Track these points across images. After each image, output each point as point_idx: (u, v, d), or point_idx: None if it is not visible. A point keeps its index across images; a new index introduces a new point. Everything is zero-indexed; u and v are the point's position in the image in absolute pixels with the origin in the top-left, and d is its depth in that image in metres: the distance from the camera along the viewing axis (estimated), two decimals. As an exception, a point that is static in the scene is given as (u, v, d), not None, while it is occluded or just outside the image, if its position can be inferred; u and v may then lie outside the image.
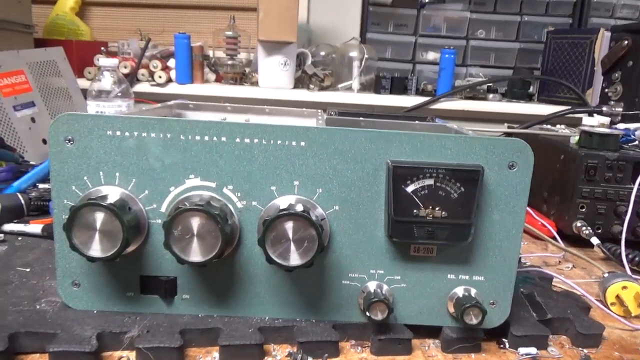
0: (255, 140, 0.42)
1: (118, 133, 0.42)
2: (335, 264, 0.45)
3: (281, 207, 0.42)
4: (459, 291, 0.46)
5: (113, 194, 0.42)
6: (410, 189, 0.42)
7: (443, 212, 0.43)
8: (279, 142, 0.42)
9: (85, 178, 0.43)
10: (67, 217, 0.40)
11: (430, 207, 0.42)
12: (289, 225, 0.40)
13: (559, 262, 0.71)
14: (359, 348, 0.45)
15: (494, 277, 0.46)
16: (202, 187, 0.43)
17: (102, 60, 0.93)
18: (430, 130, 0.60)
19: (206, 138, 0.42)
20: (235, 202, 0.44)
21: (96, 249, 0.41)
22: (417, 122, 0.65)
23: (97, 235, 0.40)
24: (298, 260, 0.41)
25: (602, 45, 1.40)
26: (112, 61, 0.93)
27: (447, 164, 0.42)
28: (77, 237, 0.40)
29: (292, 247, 0.41)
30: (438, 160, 0.43)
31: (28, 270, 0.54)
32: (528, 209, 0.83)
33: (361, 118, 0.64)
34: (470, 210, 0.43)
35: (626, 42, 1.21)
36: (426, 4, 1.80)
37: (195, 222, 0.40)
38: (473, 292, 0.45)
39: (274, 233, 0.40)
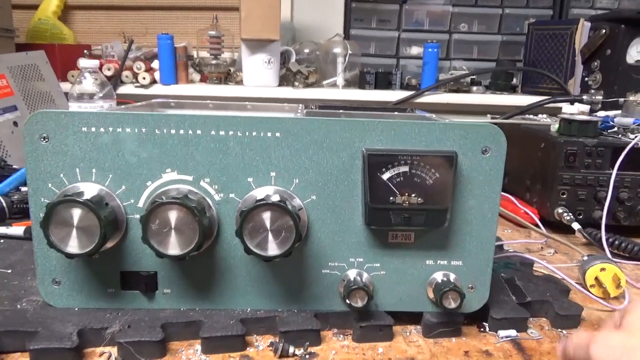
0: (231, 133, 0.43)
1: (93, 129, 0.42)
2: (315, 254, 0.45)
3: (258, 198, 0.42)
4: (438, 276, 0.46)
5: (90, 190, 0.42)
6: (385, 176, 0.43)
7: (419, 198, 0.43)
8: (254, 133, 0.43)
9: (61, 175, 0.43)
10: (43, 214, 0.40)
11: (406, 194, 0.43)
12: (266, 216, 0.41)
13: (542, 248, 0.72)
14: (341, 336, 0.45)
15: (472, 262, 0.46)
16: (179, 180, 0.43)
17: (83, 62, 0.93)
18: (408, 120, 0.61)
19: (181, 132, 0.43)
20: (212, 195, 0.44)
21: (74, 245, 0.41)
22: (396, 113, 0.65)
23: (74, 232, 0.40)
24: (276, 250, 0.41)
25: (582, 35, 1.41)
26: (93, 62, 0.93)
27: (421, 151, 0.43)
28: (55, 234, 0.40)
29: (270, 237, 0.41)
30: (412, 147, 0.43)
31: (10, 271, 0.53)
32: (511, 197, 0.84)
33: (341, 111, 0.64)
34: (445, 195, 0.43)
35: (604, 31, 1.23)
36: (408, -1, 1.81)
37: (173, 216, 0.41)
38: (452, 276, 0.46)
39: (251, 224, 0.41)
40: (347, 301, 0.44)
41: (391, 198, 0.43)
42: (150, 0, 1.97)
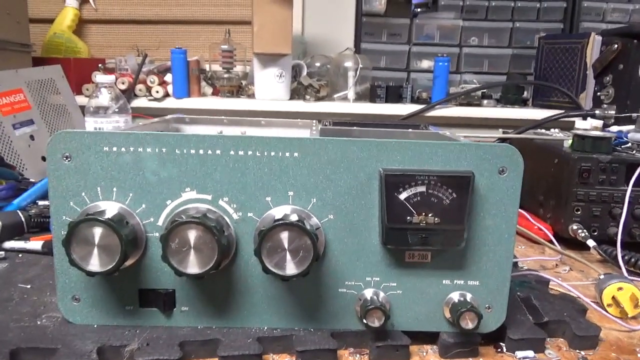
0: (249, 153, 0.43)
1: (114, 149, 0.43)
2: (332, 273, 0.46)
3: (276, 218, 0.42)
4: (455, 296, 0.46)
5: (111, 209, 0.43)
6: (402, 196, 0.43)
7: (436, 219, 0.43)
8: (272, 153, 0.43)
9: (83, 194, 0.44)
10: (65, 232, 0.41)
11: (423, 214, 0.43)
12: (285, 235, 0.41)
13: (556, 265, 0.72)
14: (357, 356, 0.45)
15: (489, 282, 0.46)
16: (198, 199, 0.44)
17: (99, 77, 0.94)
18: (423, 138, 0.61)
19: (201, 151, 0.43)
20: (231, 214, 0.44)
21: (95, 264, 0.41)
22: (410, 130, 0.65)
23: (95, 250, 0.41)
24: (294, 270, 0.41)
25: (593, 49, 1.41)
26: (109, 78, 0.95)
27: (438, 171, 0.43)
28: (76, 252, 0.41)
29: (288, 256, 0.41)
30: (429, 167, 0.44)
31: (29, 286, 0.54)
32: (525, 213, 0.84)
33: (355, 127, 0.65)
34: (462, 215, 0.43)
35: (616, 45, 1.23)
36: (419, 13, 1.82)
37: (192, 235, 0.41)
38: (468, 296, 0.46)
39: (269, 243, 0.41)
40: (364, 320, 0.44)
41: (408, 218, 0.43)
42: (164, 14, 2.01)
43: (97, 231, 0.41)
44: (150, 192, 0.44)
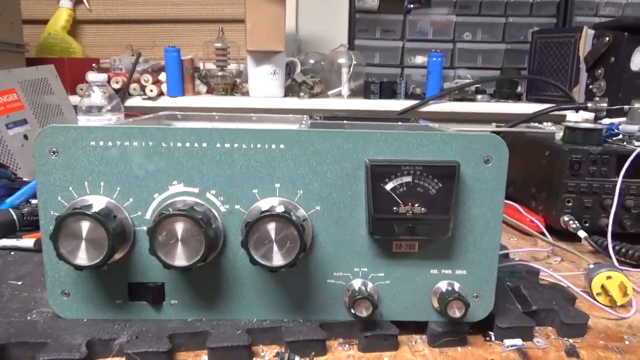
0: (236, 145, 0.43)
1: (101, 143, 0.43)
2: (320, 264, 0.46)
3: (263, 209, 0.42)
4: (442, 285, 0.46)
5: (98, 202, 0.43)
6: (389, 186, 0.43)
7: (422, 208, 0.43)
8: (258, 145, 0.43)
9: (70, 188, 0.44)
10: (53, 227, 0.41)
11: (410, 204, 0.43)
12: (271, 227, 0.41)
13: (548, 256, 0.72)
14: (346, 346, 0.46)
15: (476, 271, 0.46)
16: (185, 192, 0.44)
17: (91, 76, 0.94)
18: (411, 130, 0.61)
19: (187, 144, 0.43)
20: (218, 206, 0.44)
21: (83, 258, 0.41)
22: (399, 123, 0.66)
23: (83, 244, 0.41)
24: (281, 261, 0.42)
25: (586, 43, 1.41)
26: (101, 76, 0.94)
27: (424, 161, 0.43)
28: (64, 247, 0.41)
29: (275, 247, 0.42)
30: (415, 157, 0.44)
31: (20, 283, 0.54)
32: (517, 205, 0.84)
33: (345, 121, 0.65)
34: (448, 205, 0.44)
35: (607, 38, 1.23)
36: (412, 9, 1.82)
37: (180, 227, 0.41)
38: (456, 286, 0.46)
39: (256, 235, 0.41)
40: (352, 311, 0.44)
41: (394, 208, 0.43)
42: (157, 13, 2.00)
43: (85, 225, 0.41)
44: (138, 186, 0.44)
